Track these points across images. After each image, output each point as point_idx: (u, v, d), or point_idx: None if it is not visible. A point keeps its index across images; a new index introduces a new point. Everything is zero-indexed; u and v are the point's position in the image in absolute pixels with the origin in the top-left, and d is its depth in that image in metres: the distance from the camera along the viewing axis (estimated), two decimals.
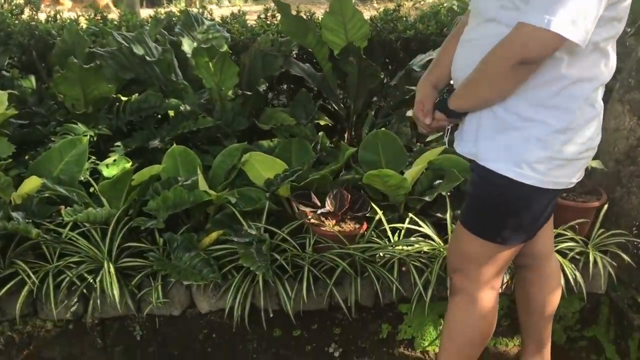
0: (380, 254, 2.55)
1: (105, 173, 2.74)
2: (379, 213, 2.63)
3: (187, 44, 3.44)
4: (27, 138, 3.01)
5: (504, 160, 1.75)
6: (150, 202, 2.49)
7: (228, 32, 3.68)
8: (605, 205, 2.74)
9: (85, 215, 2.36)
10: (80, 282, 2.39)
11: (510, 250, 1.96)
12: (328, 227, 2.56)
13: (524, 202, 1.81)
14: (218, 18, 4.07)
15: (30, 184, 2.53)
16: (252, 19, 4.15)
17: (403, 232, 2.63)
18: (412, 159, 2.90)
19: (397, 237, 2.62)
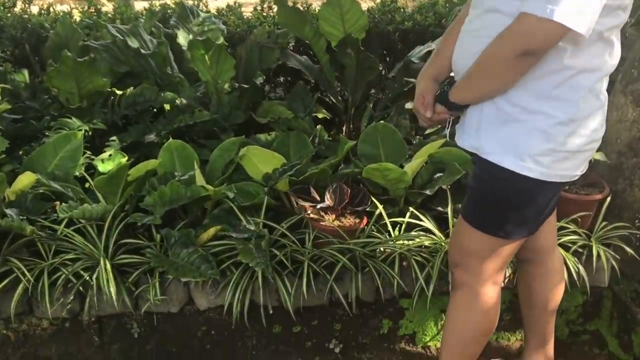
0: (381, 249, 2.52)
1: (101, 168, 2.69)
2: (380, 207, 2.59)
3: (182, 37, 3.40)
4: (20, 133, 2.96)
5: (507, 153, 1.72)
6: (147, 197, 2.45)
7: (224, 24, 3.64)
8: (608, 198, 2.72)
9: (81, 212, 2.32)
10: (76, 279, 2.36)
11: (513, 245, 1.93)
12: (328, 222, 2.52)
13: (527, 195, 1.79)
14: (213, 10, 4.03)
15: (24, 180, 2.49)
16: (248, 11, 4.12)
17: (404, 226, 2.60)
18: (411, 152, 2.87)
19: (397, 231, 2.59)
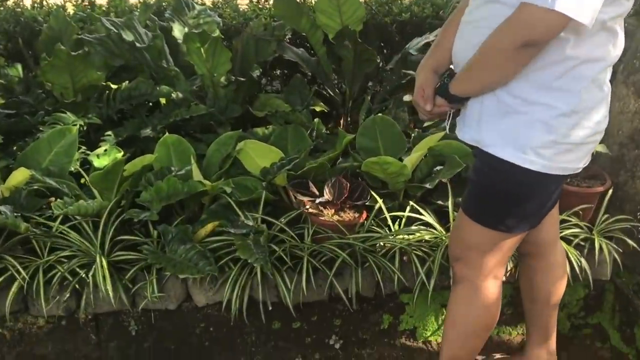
0: (381, 244, 2.50)
1: (96, 163, 2.66)
2: (379, 201, 2.56)
3: (177, 30, 3.37)
4: (14, 128, 2.94)
5: (508, 146, 1.69)
6: (143, 193, 2.42)
7: (219, 16, 3.61)
8: (610, 190, 2.69)
9: (76, 208, 2.29)
10: (72, 277, 2.32)
11: (514, 239, 1.91)
12: (327, 216, 2.49)
13: (529, 188, 1.76)
14: (209, 2, 4.02)
15: (19, 176, 2.45)
16: (243, 3, 4.09)
17: (404, 220, 2.57)
18: (410, 145, 2.84)
19: (397, 225, 2.56)
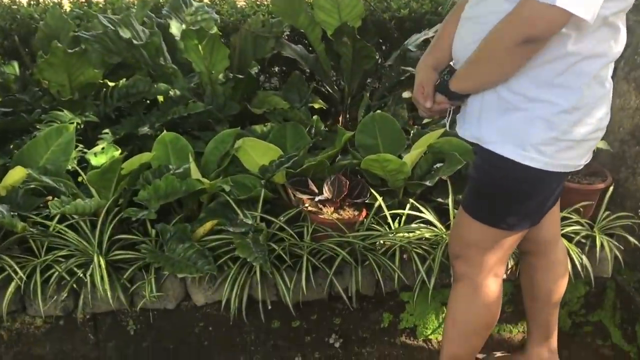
0: (381, 242, 2.48)
1: (94, 162, 2.64)
2: (379, 199, 2.54)
3: (175, 27, 3.34)
4: (11, 126, 2.91)
5: (509, 143, 1.67)
6: (141, 191, 2.40)
7: (217, 13, 3.58)
8: (611, 187, 2.68)
9: (73, 207, 2.26)
10: (70, 276, 2.31)
11: (514, 236, 1.89)
12: (326, 214, 2.48)
13: (530, 186, 1.75)
14: None
15: (15, 175, 2.42)
16: (241, 0, 4.04)
17: (404, 218, 2.55)
18: (410, 142, 2.83)
19: (397, 223, 2.55)
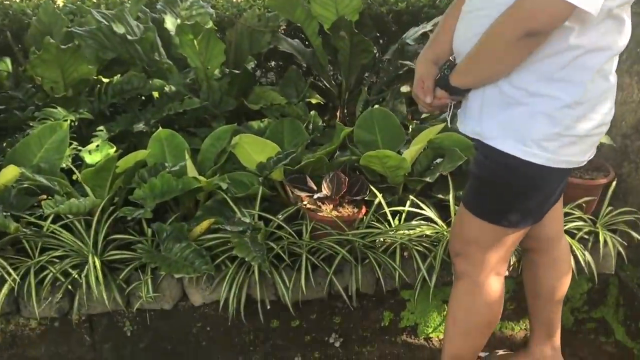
0: (381, 239, 2.45)
1: (88, 160, 2.60)
2: (379, 196, 2.51)
3: (170, 22, 3.31)
4: (3, 124, 2.90)
5: (510, 138, 1.64)
6: (137, 190, 2.36)
7: (212, 7, 3.57)
8: (614, 182, 2.64)
9: (68, 207, 2.22)
10: (65, 277, 2.27)
11: (516, 234, 1.86)
12: (325, 212, 2.44)
13: (532, 182, 1.71)
14: None
15: (8, 174, 2.37)
16: None
17: (404, 215, 2.52)
18: (409, 137, 2.79)
19: (397, 221, 2.51)
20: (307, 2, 3.29)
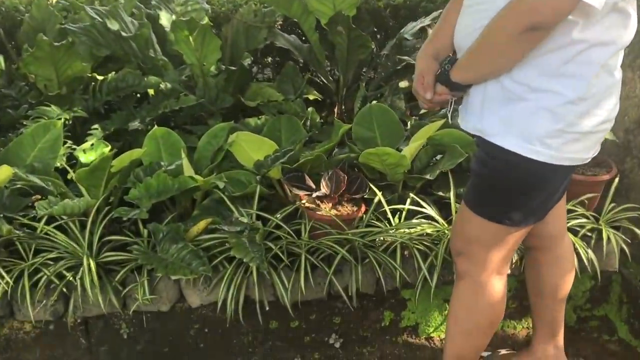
0: (381, 238, 2.42)
1: (83, 159, 2.56)
2: (378, 194, 2.47)
3: (165, 18, 3.28)
4: None
5: (512, 135, 1.61)
6: (132, 190, 2.32)
7: (208, 3, 3.54)
8: (616, 178, 2.61)
9: (62, 208, 2.19)
10: (59, 280, 2.24)
11: (518, 233, 1.83)
12: (324, 211, 2.40)
13: (534, 180, 1.68)
14: None
15: (1, 174, 2.33)
16: None
17: (404, 214, 2.48)
18: (408, 134, 2.76)
19: (397, 219, 2.48)
20: None
